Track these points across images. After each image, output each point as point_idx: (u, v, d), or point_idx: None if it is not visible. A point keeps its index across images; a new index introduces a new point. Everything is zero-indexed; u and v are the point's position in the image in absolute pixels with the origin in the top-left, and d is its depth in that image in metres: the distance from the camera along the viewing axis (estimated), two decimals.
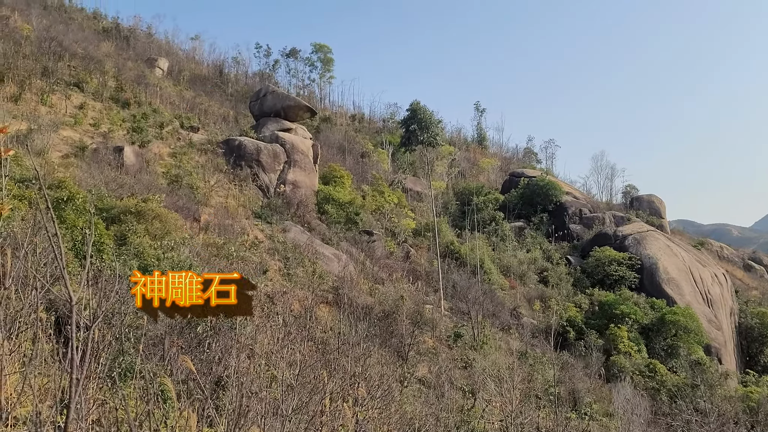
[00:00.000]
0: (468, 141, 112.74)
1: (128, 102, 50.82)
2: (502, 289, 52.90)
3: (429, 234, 56.20)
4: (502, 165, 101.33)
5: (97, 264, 18.85)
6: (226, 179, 44.31)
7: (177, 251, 24.17)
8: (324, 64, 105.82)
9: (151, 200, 27.79)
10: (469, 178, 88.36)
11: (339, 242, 44.06)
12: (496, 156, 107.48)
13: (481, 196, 71.45)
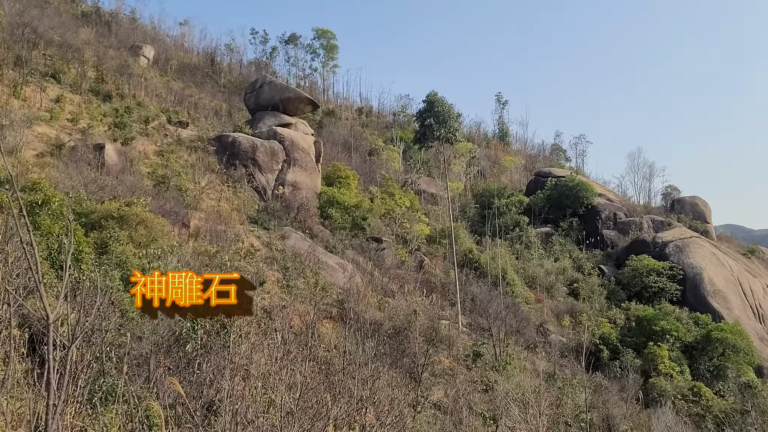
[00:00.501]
0: (488, 137, 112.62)
1: (110, 95, 51.11)
2: (527, 303, 52.73)
3: (445, 241, 56.11)
4: (527, 163, 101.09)
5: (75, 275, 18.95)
6: (218, 180, 44.44)
7: (164, 260, 24.22)
8: (327, 51, 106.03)
9: (136, 204, 27.87)
10: (489, 179, 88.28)
11: (344, 250, 44.05)
12: (519, 153, 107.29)
13: (503, 199, 71.34)
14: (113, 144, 40.82)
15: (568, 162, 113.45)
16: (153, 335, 18.93)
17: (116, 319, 18.69)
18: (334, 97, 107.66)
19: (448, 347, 35.46)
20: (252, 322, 21.94)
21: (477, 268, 54.04)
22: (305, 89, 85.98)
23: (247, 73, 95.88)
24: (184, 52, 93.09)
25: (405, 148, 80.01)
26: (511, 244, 63.83)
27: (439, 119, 52.50)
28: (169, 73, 73.87)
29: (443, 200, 67.60)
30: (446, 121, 52.55)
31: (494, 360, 36.21)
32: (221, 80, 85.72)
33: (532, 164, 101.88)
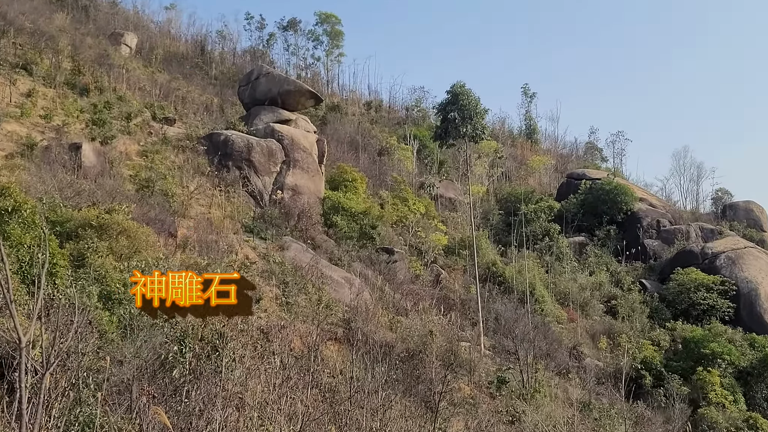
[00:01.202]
0: (514, 134, 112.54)
1: (87, 88, 51.42)
2: (559, 322, 52.60)
3: (465, 252, 56.05)
4: (558, 164, 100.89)
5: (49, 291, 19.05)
6: (209, 184, 44.60)
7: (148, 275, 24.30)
8: (331, 38, 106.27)
9: (117, 211, 27.99)
10: (515, 181, 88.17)
11: (351, 263, 44.08)
12: (549, 153, 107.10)
13: (531, 204, 71.24)
14: (91, 143, 41.04)
15: (604, 162, 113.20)
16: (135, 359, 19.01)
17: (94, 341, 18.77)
18: (339, 90, 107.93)
19: (469, 373, 35.39)
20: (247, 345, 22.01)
21: (501, 283, 53.94)
22: (307, 81, 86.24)
23: (241, 63, 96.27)
24: (170, 40, 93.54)
25: (420, 147, 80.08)
26: (540, 256, 63.71)
27: (464, 114, 52.34)
28: (154, 64, 74.28)
29: (463, 206, 67.55)
30: (472, 117, 52.42)
31: (521, 387, 36.09)
32: (212, 71, 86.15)
33: (563, 165, 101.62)
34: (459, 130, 52.21)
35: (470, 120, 52.03)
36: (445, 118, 53.73)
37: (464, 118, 51.96)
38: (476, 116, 52.38)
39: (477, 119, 52.39)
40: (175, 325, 22.12)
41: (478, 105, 52.94)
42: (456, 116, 51.94)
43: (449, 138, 54.21)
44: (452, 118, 51.99)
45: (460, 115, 51.90)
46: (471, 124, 51.99)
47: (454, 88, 53.13)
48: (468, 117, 52.00)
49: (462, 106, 52.07)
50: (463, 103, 52.09)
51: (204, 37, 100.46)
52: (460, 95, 52.55)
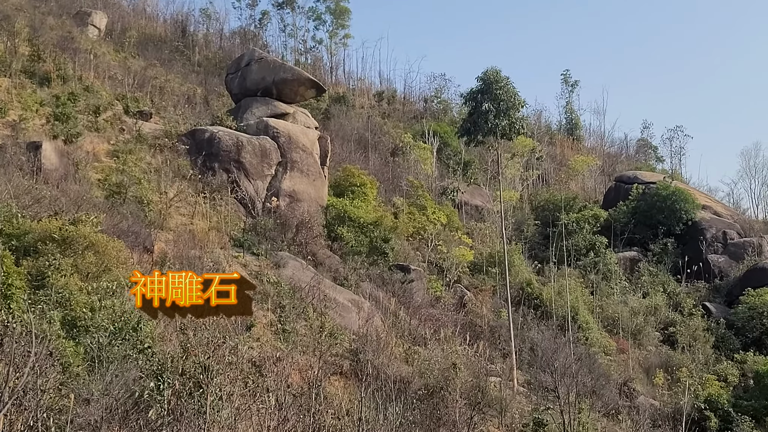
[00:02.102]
0: (552, 129, 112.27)
1: (48, 77, 51.51)
2: (606, 354, 52.35)
3: (495, 270, 55.87)
4: (604, 165, 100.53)
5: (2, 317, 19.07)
6: (191, 190, 44.64)
7: (119, 298, 24.31)
8: (336, 16, 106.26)
9: (83, 222, 28.05)
10: (554, 186, 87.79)
11: (359, 283, 44.05)
12: (594, 152, 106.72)
13: (573, 213, 70.99)
14: (53, 142, 41.11)
15: (660, 163, 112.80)
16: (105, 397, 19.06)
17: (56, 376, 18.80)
18: (345, 78, 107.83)
19: (500, 413, 35.26)
20: (236, 380, 22.03)
21: (538, 307, 53.76)
22: (307, 68, 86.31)
23: (229, 47, 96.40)
24: (146, 20, 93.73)
25: (441, 146, 79.93)
26: (583, 274, 63.49)
27: (498, 105, 51.91)
28: (127, 48, 74.36)
29: (493, 215, 67.38)
30: (508, 109, 52.03)
31: (562, 431, 35.92)
32: (195, 57, 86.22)
33: (611, 166, 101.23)
34: (492, 125, 51.68)
35: (506, 113, 51.63)
36: (475, 110, 53.25)
37: (499, 110, 51.55)
38: (513, 108, 52.03)
39: (513, 112, 52.02)
40: (151, 357, 22.16)
41: (517, 95, 52.53)
42: (489, 108, 51.51)
43: (479, 133, 53.75)
44: (485, 109, 51.51)
45: (494, 107, 51.50)
46: (506, 118, 51.54)
47: (487, 74, 52.67)
48: (503, 109, 51.61)
49: (496, 96, 51.63)
50: (498, 92, 51.66)
51: (185, 16, 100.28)
52: (494, 83, 52.17)
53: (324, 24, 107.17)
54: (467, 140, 57.94)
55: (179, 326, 25.36)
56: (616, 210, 74.91)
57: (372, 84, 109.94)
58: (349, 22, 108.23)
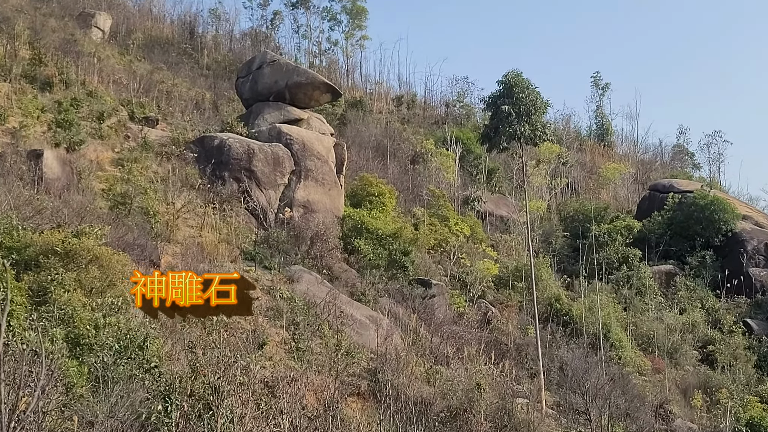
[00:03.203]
0: (582, 135, 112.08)
1: (50, 81, 51.89)
2: (641, 374, 52.29)
3: (521, 285, 55.87)
4: (638, 173, 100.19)
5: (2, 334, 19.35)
6: (199, 200, 44.78)
7: (125, 314, 24.49)
8: (352, 16, 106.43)
9: (86, 234, 28.20)
10: (584, 195, 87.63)
11: (377, 298, 44.22)
12: (626, 159, 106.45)
13: (605, 224, 70.84)
14: (55, 150, 41.42)
15: (697, 171, 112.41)
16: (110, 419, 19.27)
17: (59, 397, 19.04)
18: (362, 82, 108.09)
19: None
20: (248, 402, 22.20)
21: (567, 324, 53.75)
22: (322, 71, 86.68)
23: (239, 49, 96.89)
24: (152, 22, 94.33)
25: (463, 153, 79.94)
26: (616, 289, 63.39)
27: (520, 109, 51.98)
28: (132, 51, 74.89)
29: (519, 226, 67.37)
30: (530, 113, 52.10)
31: None
32: (204, 60, 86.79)
33: (644, 174, 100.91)
34: (513, 130, 51.73)
35: (528, 117, 51.68)
36: (496, 114, 53.37)
37: (520, 114, 51.59)
38: (536, 112, 52.07)
39: (537, 116, 52.05)
40: (158, 377, 22.34)
41: (539, 98, 52.58)
42: (510, 111, 51.57)
43: (500, 139, 53.83)
44: (505, 114, 51.61)
45: (515, 110, 51.54)
46: (529, 122, 51.58)
47: (508, 77, 52.75)
48: (525, 113, 51.67)
49: (518, 100, 51.71)
50: (520, 96, 51.74)
51: (194, 17, 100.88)
52: (515, 86, 52.27)
53: (340, 25, 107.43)
54: (488, 147, 58.04)
55: (187, 345, 25.48)
56: (650, 221, 74.68)
57: (390, 88, 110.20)
58: (366, 22, 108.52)
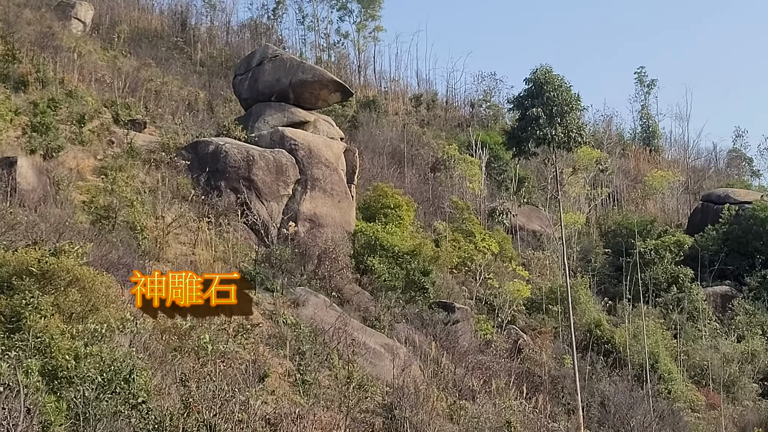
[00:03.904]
0: (625, 139, 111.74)
1: (25, 80, 51.62)
2: (694, 410, 51.82)
3: (556, 308, 55.48)
4: (689, 181, 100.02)
5: None
6: (192, 213, 44.58)
7: (109, 343, 24.22)
8: (365, 6, 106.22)
9: (66, 252, 27.93)
10: (627, 207, 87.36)
11: (393, 324, 43.83)
12: (676, 165, 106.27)
13: (651, 239, 70.54)
14: (30, 158, 41.18)
15: (756, 179, 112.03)
16: None
17: None
18: (375, 79, 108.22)
19: None
20: None
21: (609, 353, 53.31)
22: (330, 67, 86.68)
23: (237, 42, 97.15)
24: (139, 12, 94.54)
25: (490, 159, 79.66)
26: (664, 313, 62.96)
27: (551, 110, 51.54)
28: (117, 45, 74.92)
29: (553, 242, 66.93)
30: (563, 114, 51.66)
31: None
32: (197, 55, 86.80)
33: (696, 183, 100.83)
34: (543, 133, 51.26)
35: (561, 118, 51.19)
36: (524, 117, 53.01)
37: (552, 115, 51.14)
38: (569, 113, 51.60)
39: (571, 117, 51.56)
40: (146, 414, 22.02)
41: (572, 96, 52.15)
42: (539, 113, 51.13)
43: (529, 144, 53.36)
44: (534, 116, 51.16)
45: (545, 112, 51.11)
46: (562, 125, 51.07)
47: (537, 74, 52.34)
48: (558, 114, 51.20)
49: (548, 100, 51.25)
50: (551, 95, 51.31)
51: (186, 6, 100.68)
52: (546, 84, 51.88)
53: (350, 14, 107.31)
54: (515, 153, 57.47)
55: (179, 377, 25.24)
56: (703, 236, 74.29)
57: (408, 86, 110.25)
58: (381, 11, 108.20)
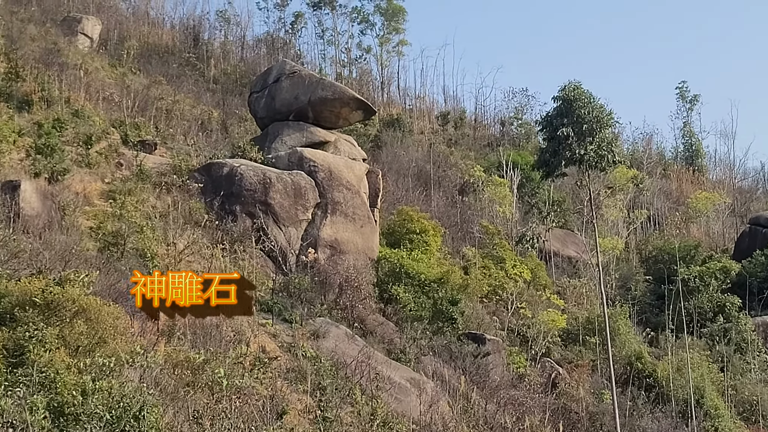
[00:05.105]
0: (666, 158, 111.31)
1: (29, 99, 52.09)
2: None
3: (594, 340, 55.46)
4: (735, 203, 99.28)
5: None
6: (206, 239, 44.76)
7: (118, 377, 24.44)
8: (387, 18, 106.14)
9: (71, 281, 28.15)
10: (669, 230, 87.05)
11: (420, 357, 44.01)
12: (721, 186, 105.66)
13: (695, 266, 70.33)
14: (34, 181, 41.54)
15: None
16: None
17: None
18: (399, 96, 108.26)
19: None
20: None
21: (651, 387, 53.21)
22: (352, 83, 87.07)
23: (253, 58, 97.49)
24: (149, 27, 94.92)
25: (522, 181, 79.79)
26: (710, 345, 62.76)
27: (581, 128, 51.60)
28: (126, 62, 75.32)
29: (591, 269, 66.91)
30: (594, 132, 51.71)
31: None
32: (210, 71, 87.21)
33: (743, 205, 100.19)
34: (573, 153, 51.22)
35: (592, 136, 51.14)
36: (553, 137, 53.02)
37: (581, 134, 51.12)
38: (602, 130, 51.60)
39: (603, 135, 51.54)
40: None
41: (603, 113, 52.10)
42: (569, 133, 51.15)
43: (558, 166, 53.37)
44: (564, 135, 51.18)
45: (575, 130, 51.11)
46: (595, 144, 51.00)
47: (565, 91, 52.24)
48: (589, 133, 51.18)
49: (578, 118, 51.19)
50: (581, 112, 51.26)
51: (198, 20, 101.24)
52: (575, 102, 51.85)
53: (373, 28, 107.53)
54: (544, 174, 57.50)
55: (192, 414, 25.42)
56: (751, 261, 74.03)
57: (434, 103, 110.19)
58: (405, 24, 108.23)
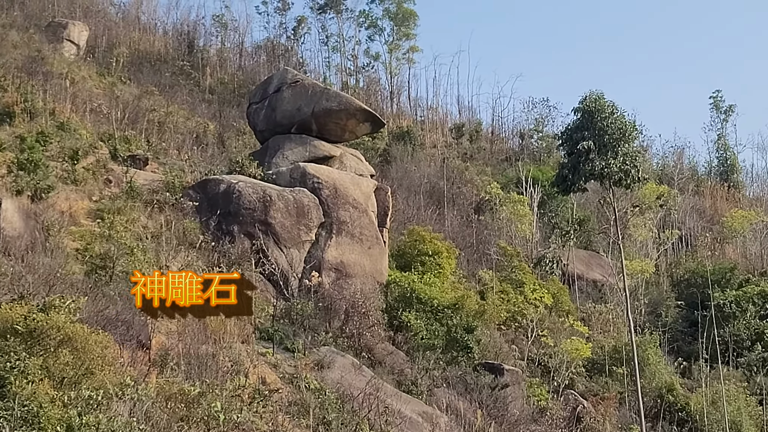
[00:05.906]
0: (698, 173, 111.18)
1: (10, 111, 52.16)
2: None
3: (621, 370, 55.20)
4: None
5: None
6: (201, 262, 44.76)
7: (105, 412, 24.27)
8: (397, 23, 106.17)
9: (56, 308, 28.10)
10: (701, 251, 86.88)
11: (432, 389, 43.87)
12: (758, 203, 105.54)
13: (731, 290, 70.14)
14: (16, 199, 41.61)
15: None
16: None
17: None
18: (410, 107, 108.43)
19: None
20: None
21: (684, 422, 53.10)
22: (358, 94, 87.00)
23: (252, 66, 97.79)
24: (140, 33, 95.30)
25: (543, 199, 79.54)
26: (747, 376, 62.55)
27: (603, 141, 51.43)
28: (115, 71, 75.60)
29: (618, 293, 66.63)
30: (618, 145, 51.52)
31: None
32: (206, 80, 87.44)
33: None
34: (594, 168, 51.00)
35: (615, 150, 50.89)
36: (572, 151, 52.87)
37: (602, 147, 50.89)
38: (625, 143, 51.38)
39: (627, 148, 51.30)
40: None
41: (626, 124, 51.91)
42: (590, 147, 50.92)
43: (578, 181, 53.18)
44: (584, 149, 50.97)
45: (597, 143, 50.89)
46: (616, 158, 50.72)
47: (586, 102, 52.20)
48: (611, 146, 50.94)
49: (600, 131, 51.01)
50: (603, 124, 51.10)
51: (193, 26, 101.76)
52: (596, 113, 51.68)
53: (381, 33, 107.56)
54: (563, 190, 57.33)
55: None
56: None
57: (448, 114, 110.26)
58: (416, 30, 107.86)
